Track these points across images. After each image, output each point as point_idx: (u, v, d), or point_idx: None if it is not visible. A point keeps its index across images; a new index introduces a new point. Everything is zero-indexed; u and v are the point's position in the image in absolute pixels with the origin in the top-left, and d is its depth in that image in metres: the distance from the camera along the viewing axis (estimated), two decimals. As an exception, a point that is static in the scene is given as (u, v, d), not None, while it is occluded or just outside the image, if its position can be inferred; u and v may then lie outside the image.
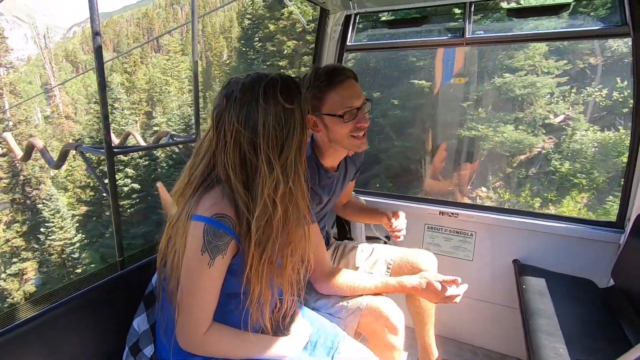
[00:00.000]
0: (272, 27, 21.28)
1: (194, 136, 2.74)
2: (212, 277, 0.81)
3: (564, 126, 12.58)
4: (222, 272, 0.83)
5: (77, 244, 19.33)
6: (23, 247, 19.31)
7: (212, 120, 0.83)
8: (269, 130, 0.78)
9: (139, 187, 20.74)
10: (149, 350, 0.95)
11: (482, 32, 1.80)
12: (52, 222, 18.64)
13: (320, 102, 1.14)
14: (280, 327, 0.97)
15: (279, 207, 0.80)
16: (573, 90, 12.66)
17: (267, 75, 0.82)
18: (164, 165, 21.14)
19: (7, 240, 19.24)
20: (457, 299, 1.15)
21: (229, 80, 0.84)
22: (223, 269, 0.82)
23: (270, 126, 0.78)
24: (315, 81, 1.14)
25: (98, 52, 1.30)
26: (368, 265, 1.46)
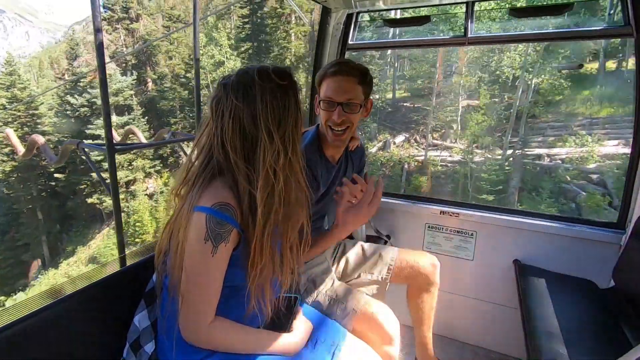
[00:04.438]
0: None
1: (195, 134, 2.74)
2: (216, 266, 0.82)
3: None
4: (225, 261, 0.84)
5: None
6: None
7: (211, 110, 0.87)
8: (267, 104, 0.83)
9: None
10: (149, 347, 0.95)
11: (484, 31, 1.80)
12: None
13: (319, 87, 1.26)
14: (282, 323, 0.98)
15: (280, 177, 0.83)
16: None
17: (259, 64, 0.89)
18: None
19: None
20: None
21: (223, 76, 0.90)
22: (226, 257, 0.84)
23: (268, 101, 0.83)
24: (324, 68, 1.25)
25: (99, 49, 1.30)
26: (368, 266, 1.46)
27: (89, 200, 21.53)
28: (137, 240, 20.24)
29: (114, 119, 20.85)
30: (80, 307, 0.93)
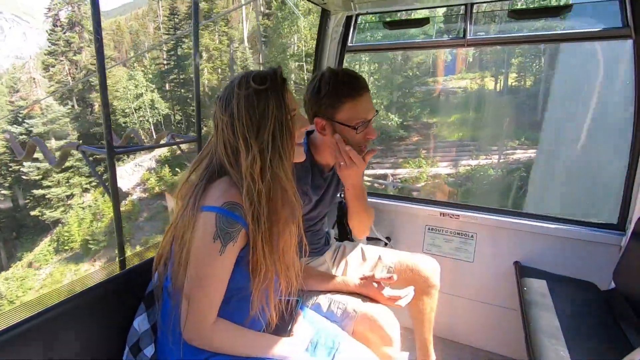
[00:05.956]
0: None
1: (195, 136, 2.73)
2: (223, 266, 0.83)
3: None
4: (232, 262, 0.84)
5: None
6: None
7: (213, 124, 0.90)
8: (242, 112, 0.84)
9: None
10: (149, 350, 0.94)
11: (483, 33, 1.81)
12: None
13: (335, 110, 1.14)
14: (282, 326, 0.98)
15: (258, 183, 0.83)
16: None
17: (247, 71, 0.90)
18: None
19: None
20: (402, 302, 1.19)
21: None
22: (233, 257, 0.84)
23: (243, 108, 0.84)
24: (335, 87, 1.13)
25: (99, 52, 1.30)
26: (367, 269, 1.46)
27: (32, 213, 24.45)
28: (66, 247, 22.83)
29: (53, 143, 24.12)
30: (79, 310, 0.93)
